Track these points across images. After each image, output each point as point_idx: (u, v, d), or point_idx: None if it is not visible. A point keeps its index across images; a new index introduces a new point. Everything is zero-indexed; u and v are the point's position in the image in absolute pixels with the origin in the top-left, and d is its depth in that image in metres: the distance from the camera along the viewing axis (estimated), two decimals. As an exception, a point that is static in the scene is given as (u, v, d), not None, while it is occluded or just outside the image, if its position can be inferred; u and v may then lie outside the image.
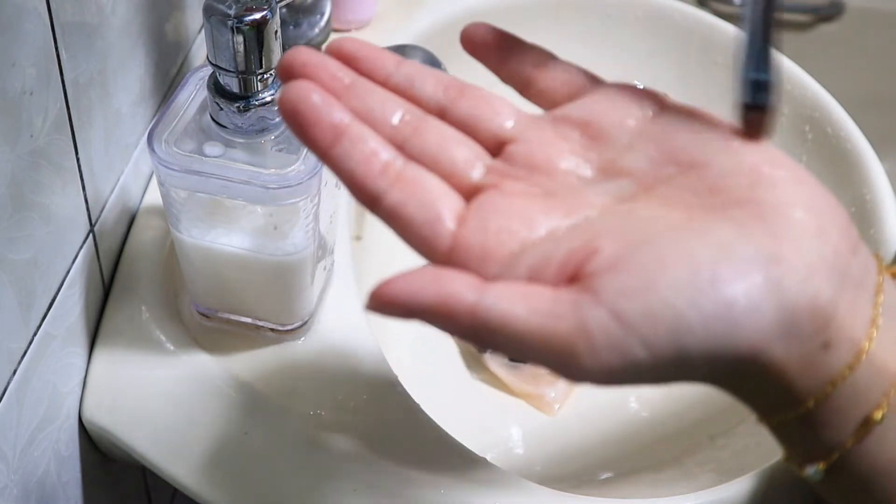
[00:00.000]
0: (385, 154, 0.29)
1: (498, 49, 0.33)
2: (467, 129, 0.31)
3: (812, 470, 0.28)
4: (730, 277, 0.25)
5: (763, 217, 0.26)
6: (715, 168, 0.28)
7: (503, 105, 0.31)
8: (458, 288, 0.26)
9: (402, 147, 0.30)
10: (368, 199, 0.29)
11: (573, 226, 0.28)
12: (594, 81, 0.32)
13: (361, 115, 0.30)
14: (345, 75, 0.31)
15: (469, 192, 0.30)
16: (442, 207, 0.29)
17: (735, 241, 0.25)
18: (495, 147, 0.31)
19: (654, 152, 0.29)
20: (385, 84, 0.32)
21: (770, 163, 0.28)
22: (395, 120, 0.30)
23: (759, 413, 0.28)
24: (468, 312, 0.25)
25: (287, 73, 0.31)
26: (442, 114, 0.31)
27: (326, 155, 0.29)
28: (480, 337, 0.26)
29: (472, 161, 0.30)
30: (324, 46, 0.34)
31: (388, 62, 0.32)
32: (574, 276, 0.26)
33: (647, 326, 0.24)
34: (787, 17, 1.32)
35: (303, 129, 0.29)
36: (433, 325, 0.26)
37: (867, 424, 0.26)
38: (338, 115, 0.29)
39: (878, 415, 0.26)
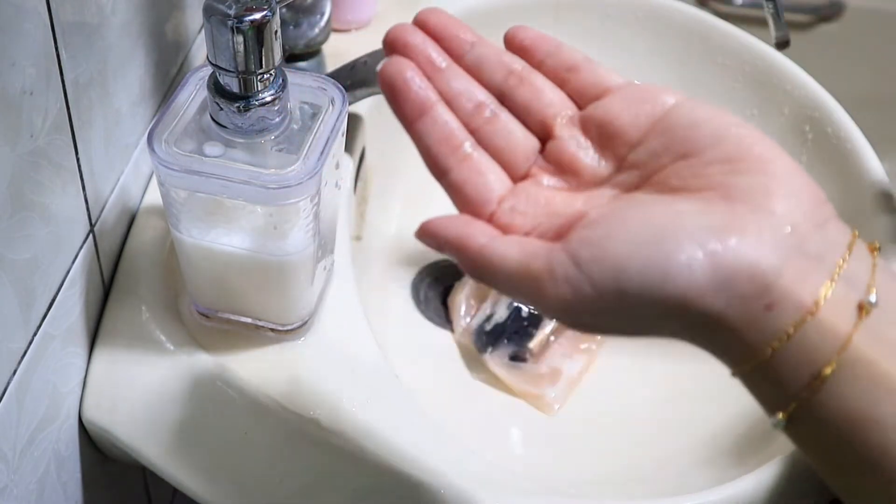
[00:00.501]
0: (459, 137, 0.36)
1: (538, 52, 0.38)
2: (521, 114, 0.37)
3: (774, 420, 0.32)
4: (673, 237, 0.30)
5: (729, 198, 0.31)
6: (703, 157, 0.32)
7: (551, 97, 0.37)
8: (476, 232, 0.34)
9: (474, 131, 0.36)
10: (438, 171, 0.36)
11: (581, 208, 0.34)
12: (618, 82, 0.37)
13: (446, 97, 0.36)
14: (440, 59, 0.37)
15: (516, 179, 0.36)
16: (493, 194, 0.35)
17: (692, 212, 0.31)
18: (542, 132, 0.37)
19: (658, 145, 0.34)
20: (458, 61, 0.37)
21: (753, 149, 0.32)
22: (472, 106, 0.37)
23: (726, 364, 0.32)
24: (477, 250, 0.33)
25: (391, 48, 0.36)
26: (502, 97, 0.37)
27: (410, 127, 0.36)
28: (481, 270, 0.33)
29: (525, 153, 0.37)
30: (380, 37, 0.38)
31: (464, 43, 0.37)
32: (564, 232, 0.33)
33: (595, 269, 0.31)
34: (787, 17, 1.32)
35: (394, 101, 0.36)
36: (453, 257, 0.34)
37: (818, 379, 0.30)
38: (426, 94, 0.36)
39: (827, 370, 0.29)
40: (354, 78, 0.62)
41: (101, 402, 0.52)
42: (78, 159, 0.49)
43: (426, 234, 0.34)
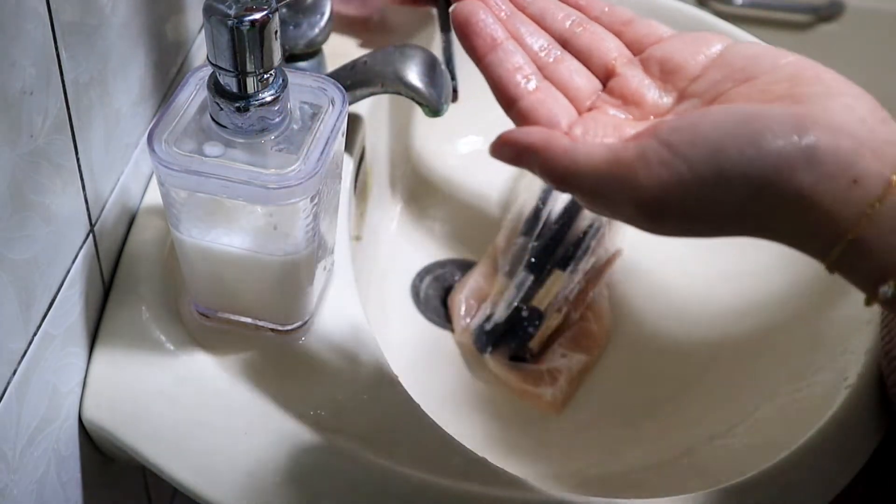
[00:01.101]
0: (527, 69, 0.39)
1: (594, 8, 0.42)
2: (583, 57, 0.40)
3: (886, 289, 0.32)
4: (762, 121, 0.32)
5: (799, 101, 0.34)
6: (764, 78, 0.35)
7: (611, 44, 0.40)
8: (559, 137, 0.35)
9: (541, 68, 0.39)
10: (506, 100, 0.39)
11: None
12: (671, 32, 0.40)
13: (515, 36, 0.40)
14: (507, 8, 0.40)
15: (582, 111, 0.39)
16: (561, 119, 0.38)
17: (772, 106, 0.33)
18: (603, 74, 0.40)
19: (718, 76, 0.37)
20: (523, 10, 0.41)
21: (808, 70, 0.36)
22: (538, 46, 0.40)
23: (815, 255, 0.34)
24: (562, 151, 0.34)
25: None
26: (565, 42, 0.40)
27: (481, 60, 0.39)
28: (566, 170, 0.34)
29: (589, 91, 0.39)
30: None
31: None
32: (648, 130, 0.34)
33: (689, 151, 0.32)
34: (787, 17, 1.32)
35: (467, 37, 0.39)
36: (534, 164, 0.35)
37: None
38: (497, 31, 0.39)
39: None
40: (354, 78, 0.62)
41: (101, 402, 0.52)
42: (78, 159, 0.49)
43: (505, 143, 0.36)
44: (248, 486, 0.49)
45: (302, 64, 0.67)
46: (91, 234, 0.52)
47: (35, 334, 0.47)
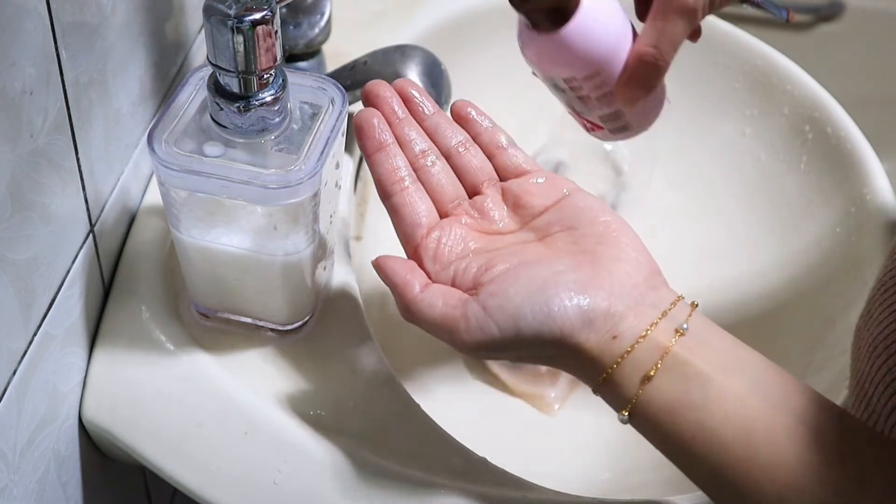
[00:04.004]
0: (403, 171, 0.47)
1: (476, 125, 0.50)
2: (459, 172, 0.49)
3: (620, 417, 0.42)
4: (553, 289, 0.42)
5: (595, 262, 0.43)
6: (581, 230, 0.45)
7: (485, 169, 0.49)
8: (414, 279, 0.44)
9: (416, 170, 0.48)
10: (383, 193, 0.47)
11: (488, 251, 0.45)
12: (535, 168, 0.49)
13: (400, 140, 0.48)
14: (401, 112, 0.49)
15: (443, 214, 0.48)
16: (422, 219, 0.47)
17: (566, 271, 0.42)
18: (471, 189, 0.49)
19: (552, 218, 0.46)
20: (421, 123, 0.49)
21: (613, 232, 0.45)
22: (418, 150, 0.48)
23: (584, 382, 0.43)
24: (412, 297, 0.44)
25: (366, 99, 0.48)
26: (448, 156, 0.49)
27: (369, 157, 0.47)
28: (413, 315, 0.44)
29: (452, 196, 0.48)
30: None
31: (427, 108, 0.49)
32: (475, 284, 0.44)
33: (499, 314, 0.42)
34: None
35: (360, 138, 0.47)
36: (393, 294, 0.44)
37: (646, 380, 0.41)
38: (386, 136, 0.47)
39: (651, 372, 0.41)
40: (354, 78, 0.62)
41: (101, 402, 0.52)
42: (78, 159, 0.49)
43: (377, 266, 0.45)
44: (247, 486, 0.49)
45: (302, 64, 0.67)
46: (91, 234, 0.52)
47: (35, 334, 0.47)
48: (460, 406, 0.69)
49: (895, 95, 1.30)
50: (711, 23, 0.80)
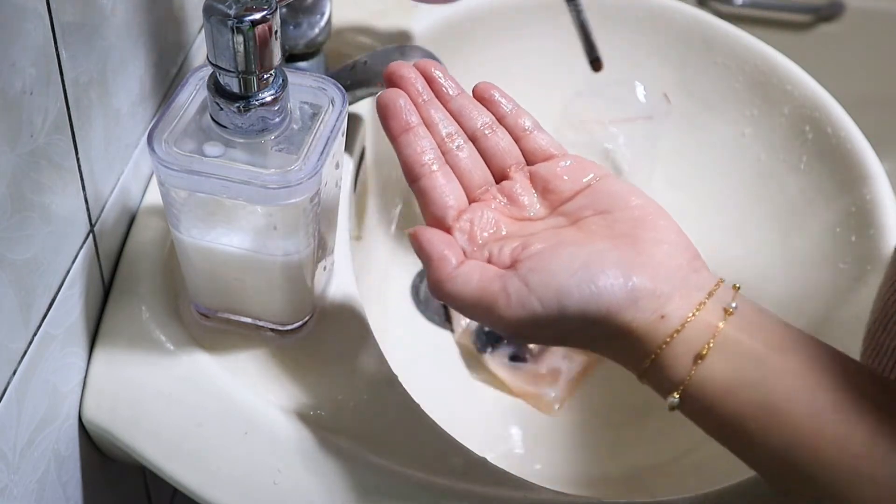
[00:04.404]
0: (431, 154, 0.45)
1: (500, 107, 0.47)
2: (486, 155, 0.46)
3: (671, 400, 0.41)
4: (598, 265, 0.40)
5: (634, 244, 0.41)
6: (615, 214, 0.43)
7: (512, 152, 0.47)
8: (451, 254, 0.42)
9: (445, 154, 0.46)
10: (411, 176, 0.45)
11: (522, 236, 0.43)
12: (561, 151, 0.47)
13: (426, 121, 0.46)
14: (426, 94, 0.46)
15: (471, 200, 0.46)
16: (452, 201, 0.44)
17: (608, 250, 0.41)
18: (499, 174, 0.46)
19: (583, 202, 0.44)
20: (445, 105, 0.47)
21: (649, 215, 0.43)
22: (445, 133, 0.46)
23: (629, 367, 0.42)
24: (448, 273, 0.41)
25: (389, 80, 0.46)
26: (474, 139, 0.47)
27: (395, 139, 0.45)
28: (447, 292, 0.41)
29: (481, 181, 0.46)
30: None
31: (451, 89, 0.47)
32: (513, 262, 0.42)
33: (542, 290, 0.40)
34: (787, 17, 1.32)
35: (385, 118, 0.45)
36: (426, 268, 0.42)
37: (698, 359, 0.39)
38: (412, 117, 0.45)
39: (704, 351, 0.39)
40: (354, 78, 0.62)
41: (101, 402, 0.52)
42: (78, 159, 0.49)
43: (413, 237, 0.43)
44: (247, 486, 0.49)
45: (302, 64, 0.67)
46: (91, 234, 0.52)
47: (35, 334, 0.47)
48: (460, 406, 0.69)
49: (895, 95, 1.30)
50: (711, 23, 0.81)
